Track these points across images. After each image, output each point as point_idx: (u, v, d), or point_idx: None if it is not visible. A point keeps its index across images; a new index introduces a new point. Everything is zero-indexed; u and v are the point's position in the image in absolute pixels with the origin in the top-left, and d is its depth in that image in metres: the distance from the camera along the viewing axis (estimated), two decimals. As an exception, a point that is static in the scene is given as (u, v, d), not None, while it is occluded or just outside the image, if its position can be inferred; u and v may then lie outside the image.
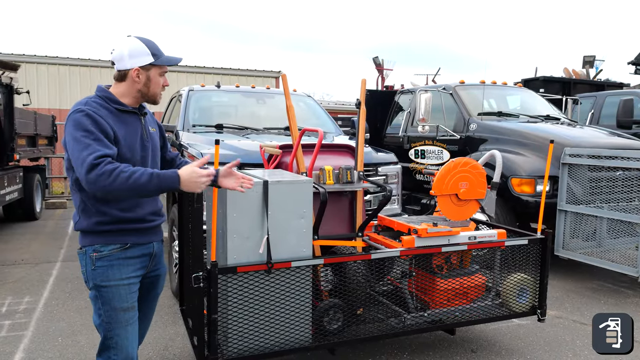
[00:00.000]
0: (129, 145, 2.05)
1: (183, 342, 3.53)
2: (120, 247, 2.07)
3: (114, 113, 2.04)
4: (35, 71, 13.57)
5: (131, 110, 2.11)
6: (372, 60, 14.67)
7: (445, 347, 3.48)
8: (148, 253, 2.18)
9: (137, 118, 2.14)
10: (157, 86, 2.13)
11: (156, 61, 2.09)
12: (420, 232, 3.06)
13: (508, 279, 3.35)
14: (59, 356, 3.32)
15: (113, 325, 2.07)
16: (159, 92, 2.15)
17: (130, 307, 2.10)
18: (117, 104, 2.06)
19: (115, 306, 2.06)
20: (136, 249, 2.12)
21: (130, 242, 2.09)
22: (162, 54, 2.13)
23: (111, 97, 2.07)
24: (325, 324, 2.83)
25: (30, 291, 4.67)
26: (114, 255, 2.05)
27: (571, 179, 4.88)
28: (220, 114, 5.79)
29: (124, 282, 2.07)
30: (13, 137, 7.16)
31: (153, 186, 1.89)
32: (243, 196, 2.52)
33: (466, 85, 6.57)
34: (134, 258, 2.11)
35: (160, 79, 2.14)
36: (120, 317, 2.07)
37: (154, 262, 2.25)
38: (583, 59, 12.50)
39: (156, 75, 2.11)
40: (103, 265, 2.04)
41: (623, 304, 4.43)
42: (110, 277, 2.05)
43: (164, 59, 2.12)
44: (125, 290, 2.08)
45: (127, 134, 2.05)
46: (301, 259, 2.66)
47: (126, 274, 2.08)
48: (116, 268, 2.06)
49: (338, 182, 3.22)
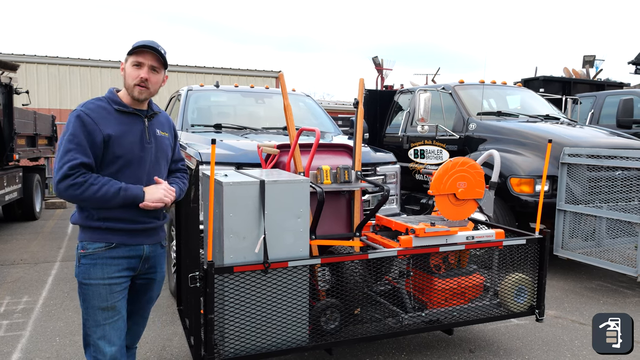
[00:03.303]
0: (124, 144, 2.06)
1: (181, 342, 3.53)
2: (106, 245, 2.08)
3: (113, 114, 2.08)
4: (35, 71, 13.58)
5: (131, 112, 2.12)
6: (371, 60, 14.68)
7: (443, 347, 3.47)
8: (137, 255, 2.16)
9: (138, 119, 2.14)
10: (129, 77, 2.10)
11: (128, 51, 2.10)
12: (417, 232, 3.05)
13: (506, 278, 3.34)
14: (56, 356, 3.32)
15: (91, 323, 2.10)
16: (132, 84, 2.09)
17: (110, 307, 2.09)
18: (117, 105, 2.10)
19: (94, 304, 2.08)
20: (122, 249, 2.11)
21: (116, 241, 2.09)
22: (137, 44, 2.10)
23: (113, 98, 2.13)
24: (323, 323, 2.82)
25: (28, 291, 4.67)
26: (97, 254, 2.07)
27: (570, 179, 4.87)
28: (219, 113, 5.79)
29: (105, 282, 2.08)
30: (12, 137, 7.16)
31: (120, 199, 2.01)
32: (240, 196, 2.52)
33: (465, 85, 6.56)
34: (120, 258, 2.11)
35: (134, 70, 2.09)
36: (98, 316, 2.08)
37: (147, 265, 2.23)
38: (583, 59, 12.50)
39: (129, 66, 2.11)
40: (87, 263, 2.08)
41: (622, 304, 4.42)
42: (92, 276, 2.07)
43: (132, 47, 2.11)
44: (106, 290, 2.08)
45: (123, 133, 2.07)
46: (298, 259, 2.65)
47: (109, 273, 2.08)
48: (99, 267, 2.07)
49: (335, 182, 3.21)
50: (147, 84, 2.10)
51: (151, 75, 2.11)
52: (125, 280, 2.15)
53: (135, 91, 2.10)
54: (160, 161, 2.22)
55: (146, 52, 2.09)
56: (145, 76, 2.09)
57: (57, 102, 13.72)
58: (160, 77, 2.17)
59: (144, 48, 2.08)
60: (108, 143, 2.02)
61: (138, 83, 2.08)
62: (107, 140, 2.02)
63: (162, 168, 2.24)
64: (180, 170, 2.40)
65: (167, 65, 2.19)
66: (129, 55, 2.10)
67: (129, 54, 2.10)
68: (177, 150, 2.39)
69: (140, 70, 2.09)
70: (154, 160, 2.17)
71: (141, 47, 2.08)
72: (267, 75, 16.03)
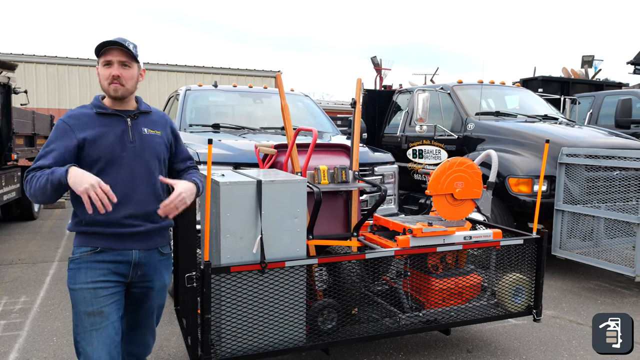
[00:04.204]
0: (101, 146, 2.04)
1: (178, 342, 3.53)
2: (91, 250, 2.05)
3: (93, 117, 2.08)
4: (34, 71, 13.57)
5: (110, 113, 2.10)
6: (370, 60, 14.68)
7: (440, 347, 3.47)
8: (125, 260, 2.09)
9: (120, 119, 2.11)
10: (102, 78, 2.08)
11: (95, 52, 2.08)
12: (415, 232, 3.05)
13: (504, 278, 3.34)
14: (53, 356, 3.31)
15: (79, 329, 2.04)
16: (107, 84, 2.06)
17: (96, 312, 2.02)
18: (98, 108, 2.11)
19: (80, 310, 2.03)
20: (109, 253, 2.06)
21: (101, 246, 2.05)
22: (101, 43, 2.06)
23: (95, 103, 2.14)
24: (320, 323, 2.82)
25: (26, 291, 4.66)
26: (83, 259, 2.05)
27: (568, 179, 4.87)
28: (217, 113, 5.79)
29: (90, 286, 2.03)
30: (11, 137, 7.14)
31: (49, 184, 1.89)
32: (237, 196, 2.52)
33: (464, 85, 6.57)
34: (105, 262, 2.06)
35: (105, 70, 2.06)
36: (85, 322, 2.02)
37: (141, 271, 2.15)
38: (582, 59, 12.51)
39: (100, 67, 2.08)
40: (73, 268, 2.07)
41: (620, 304, 4.43)
42: (77, 280, 2.04)
43: (97, 47, 2.06)
44: (91, 294, 2.02)
45: (101, 135, 2.05)
46: (295, 259, 2.65)
47: (92, 277, 2.03)
48: (83, 271, 2.04)
49: (333, 182, 3.21)
50: (120, 81, 2.05)
51: (122, 71, 2.06)
52: (113, 285, 2.07)
53: (110, 90, 2.07)
54: (150, 160, 2.14)
55: (113, 49, 2.05)
56: (116, 73, 2.05)
57: (55, 102, 13.71)
58: (133, 71, 2.10)
59: (109, 45, 2.05)
60: (83, 146, 2.02)
61: (111, 81, 2.05)
62: (82, 144, 2.02)
63: (152, 167, 2.15)
64: (191, 167, 2.36)
65: (138, 59, 2.12)
66: (98, 57, 2.07)
67: (98, 55, 2.07)
68: (181, 148, 2.35)
69: (111, 68, 2.05)
70: (139, 159, 2.11)
71: (105, 44, 2.05)
72: (265, 75, 16.03)
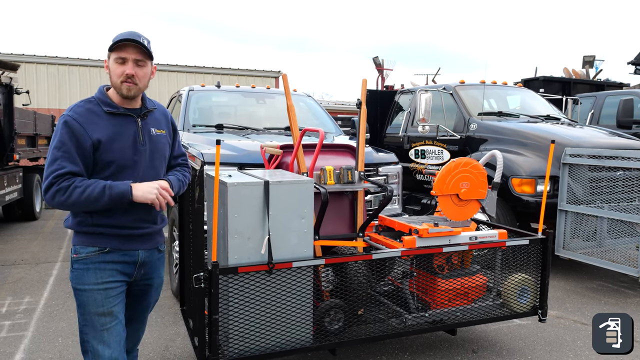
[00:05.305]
0: (115, 149, 1.97)
1: (183, 342, 3.53)
2: (99, 250, 2.01)
3: (103, 116, 1.98)
4: (35, 71, 13.57)
5: (122, 113, 2.01)
6: (372, 60, 14.69)
7: (446, 347, 3.48)
8: (132, 261, 2.08)
9: (130, 120, 2.03)
10: (115, 75, 1.98)
11: (109, 47, 1.98)
12: (421, 232, 3.05)
13: (509, 279, 3.34)
14: (58, 357, 3.31)
15: (88, 329, 2.02)
16: (119, 82, 1.97)
17: (107, 313, 2.00)
18: (107, 106, 2.01)
19: (90, 310, 1.99)
20: (116, 254, 2.03)
21: (110, 246, 2.02)
22: (117, 38, 1.97)
23: (103, 99, 2.02)
24: (326, 324, 2.82)
25: (30, 291, 4.66)
26: (90, 259, 2.00)
27: (572, 179, 4.88)
28: (220, 114, 5.79)
29: (100, 287, 2.00)
30: (13, 137, 7.15)
31: (106, 198, 1.90)
32: (244, 196, 2.52)
33: (466, 85, 6.57)
34: (113, 263, 2.03)
35: (118, 67, 1.97)
36: (95, 322, 2.00)
37: (143, 270, 2.15)
38: (583, 59, 12.53)
39: (112, 63, 1.99)
40: (79, 268, 2.01)
41: (623, 304, 4.43)
42: (85, 281, 2.00)
43: (112, 42, 1.97)
44: (102, 295, 2.00)
45: (114, 137, 1.97)
46: (302, 260, 2.66)
47: (102, 278, 2.00)
48: (92, 272, 1.99)
49: (339, 182, 3.21)
50: (134, 80, 1.97)
51: (137, 69, 1.98)
52: (120, 285, 2.07)
53: (123, 89, 1.98)
54: (157, 163, 2.12)
55: (128, 46, 1.96)
56: (130, 72, 1.97)
57: (56, 102, 13.71)
58: (148, 70, 2.04)
59: (125, 41, 1.95)
60: (98, 148, 1.94)
61: (124, 80, 1.97)
62: (97, 146, 1.93)
63: (158, 170, 2.13)
64: (181, 165, 2.29)
65: (153, 57, 2.04)
66: (111, 51, 1.98)
67: (111, 50, 1.98)
68: (177, 146, 2.28)
69: (125, 66, 1.97)
70: (149, 163, 2.07)
71: (122, 41, 1.95)
72: (267, 76, 16.04)
